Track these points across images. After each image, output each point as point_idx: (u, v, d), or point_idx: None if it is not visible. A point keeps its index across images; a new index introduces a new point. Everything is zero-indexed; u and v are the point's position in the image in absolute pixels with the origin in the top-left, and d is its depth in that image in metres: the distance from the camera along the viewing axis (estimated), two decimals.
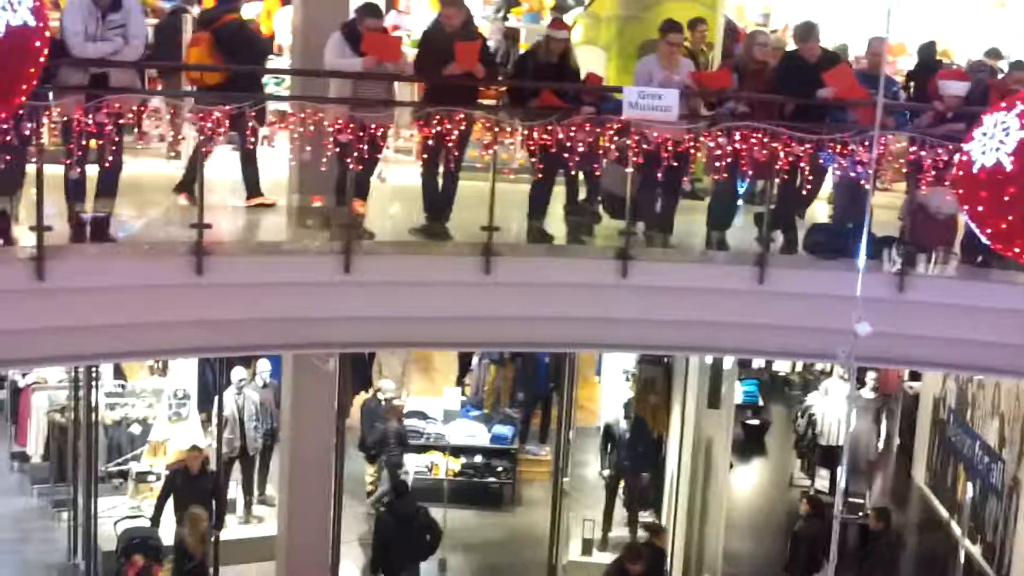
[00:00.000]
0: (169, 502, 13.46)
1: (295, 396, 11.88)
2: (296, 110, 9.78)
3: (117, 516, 13.87)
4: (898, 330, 9.80)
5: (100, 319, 9.22)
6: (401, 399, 16.40)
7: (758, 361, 18.96)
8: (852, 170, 10.31)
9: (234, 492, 14.79)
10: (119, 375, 15.76)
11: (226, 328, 9.79)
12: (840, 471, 14.20)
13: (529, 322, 10.45)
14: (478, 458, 16.33)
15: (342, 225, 9.88)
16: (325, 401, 11.80)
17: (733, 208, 11.24)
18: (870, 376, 16.13)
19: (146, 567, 12.86)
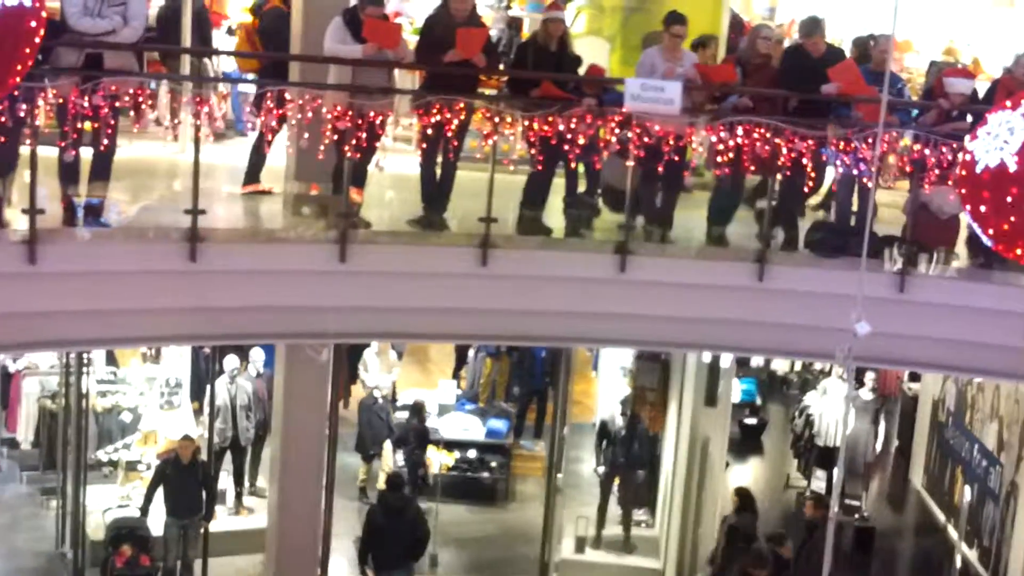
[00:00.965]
0: (159, 493, 13.29)
1: (287, 387, 11.75)
2: (295, 96, 9.67)
3: (106, 506, 13.75)
4: (898, 330, 9.75)
5: (92, 304, 9.13)
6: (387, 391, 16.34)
7: (757, 359, 18.85)
8: (855, 167, 10.22)
9: (225, 483, 14.66)
10: (111, 362, 15.66)
11: (219, 316, 9.70)
12: (836, 472, 14.13)
13: (526, 315, 10.37)
14: (472, 453, 16.23)
15: (339, 214, 9.78)
16: (318, 393, 11.69)
17: (734, 204, 11.14)
18: (869, 377, 16.01)
19: (133, 557, 12.78)
